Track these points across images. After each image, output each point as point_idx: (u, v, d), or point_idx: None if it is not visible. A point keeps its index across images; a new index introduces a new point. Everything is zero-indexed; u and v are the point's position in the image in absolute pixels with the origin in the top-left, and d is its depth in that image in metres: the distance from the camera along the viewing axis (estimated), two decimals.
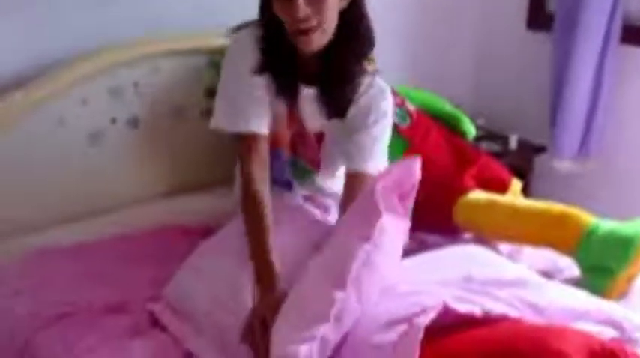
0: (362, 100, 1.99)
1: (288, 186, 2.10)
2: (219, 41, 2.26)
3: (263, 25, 1.94)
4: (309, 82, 1.98)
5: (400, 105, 2.57)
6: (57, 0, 2.17)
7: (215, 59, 2.33)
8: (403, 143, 2.51)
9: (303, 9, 1.78)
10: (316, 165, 2.11)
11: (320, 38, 1.85)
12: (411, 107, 2.63)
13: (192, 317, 1.76)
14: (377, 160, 2.01)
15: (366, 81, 2.00)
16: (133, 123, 2.29)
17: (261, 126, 1.97)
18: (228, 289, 1.75)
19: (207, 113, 2.19)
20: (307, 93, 1.99)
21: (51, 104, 2.12)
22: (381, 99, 2.03)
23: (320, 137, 2.07)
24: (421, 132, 2.59)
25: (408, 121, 2.57)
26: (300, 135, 2.06)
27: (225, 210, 2.12)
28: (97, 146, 2.23)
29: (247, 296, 1.72)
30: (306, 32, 1.83)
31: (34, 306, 1.78)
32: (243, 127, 1.96)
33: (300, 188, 2.12)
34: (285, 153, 2.08)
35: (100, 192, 2.25)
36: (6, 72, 2.11)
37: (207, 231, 2.03)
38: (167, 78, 2.32)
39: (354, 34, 1.92)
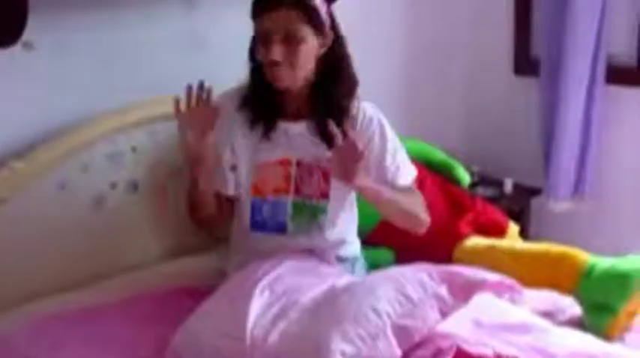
0: (358, 130, 2.08)
1: (281, 229, 2.12)
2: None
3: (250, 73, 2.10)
4: (296, 119, 2.09)
5: None
6: (53, 71, 2.21)
7: None
8: None
9: (277, 52, 1.95)
10: (324, 196, 2.12)
11: (290, 76, 2.00)
12: None
13: (199, 355, 1.76)
14: (403, 171, 2.18)
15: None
16: (133, 186, 2.31)
17: (228, 188, 2.15)
18: (231, 320, 1.77)
19: None
20: (296, 129, 2.09)
21: (52, 171, 2.14)
22: (372, 121, 2.12)
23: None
24: (416, 182, 2.62)
25: None
26: (307, 170, 2.09)
27: (226, 269, 2.16)
28: (99, 211, 2.25)
29: (247, 321, 1.73)
30: (277, 71, 1.98)
31: None
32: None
33: (300, 235, 2.12)
34: (284, 198, 2.11)
35: (103, 256, 2.26)
36: (7, 141, 2.14)
37: (210, 291, 2.04)
38: (163, 140, 2.36)
39: (338, 74, 2.07)
